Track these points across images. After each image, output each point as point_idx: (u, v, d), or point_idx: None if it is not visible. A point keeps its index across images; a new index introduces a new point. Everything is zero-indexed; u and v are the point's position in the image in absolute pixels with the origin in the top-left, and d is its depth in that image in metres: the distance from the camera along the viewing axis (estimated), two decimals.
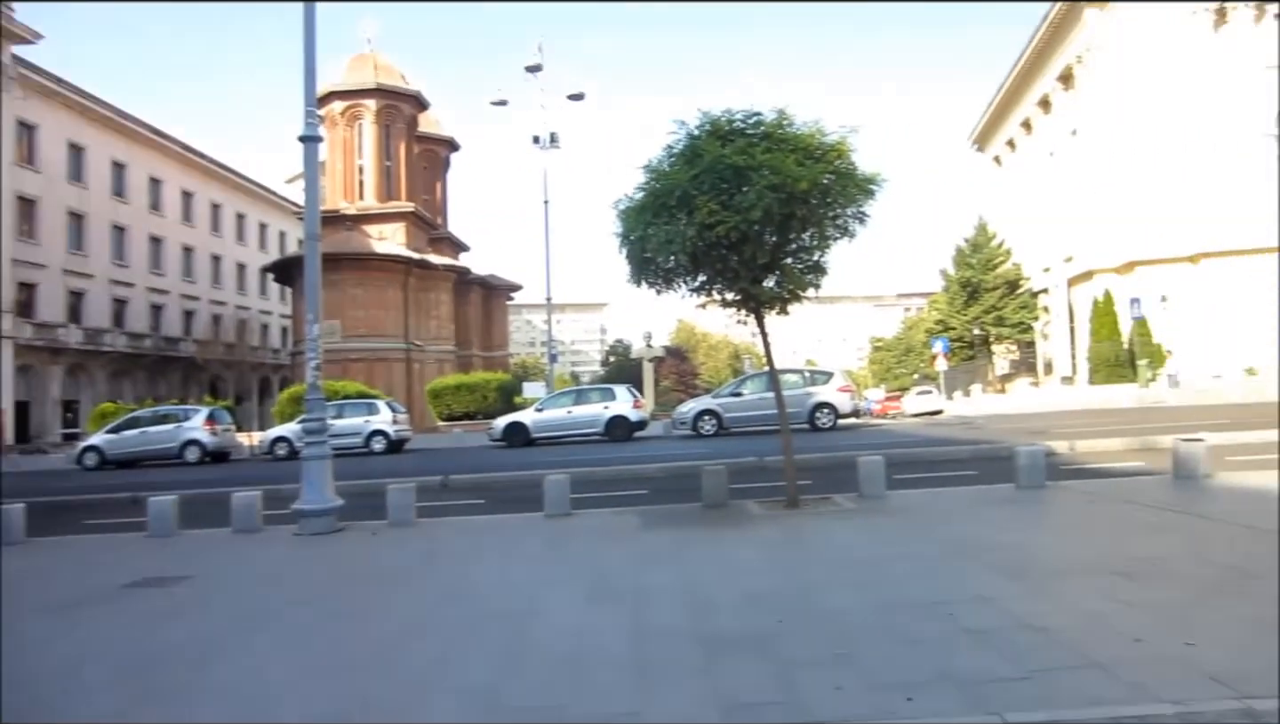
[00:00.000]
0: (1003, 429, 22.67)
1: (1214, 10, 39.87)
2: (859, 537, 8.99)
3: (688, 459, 17.36)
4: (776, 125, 9.54)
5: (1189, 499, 10.10)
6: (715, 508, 11.18)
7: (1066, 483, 11.80)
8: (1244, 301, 39.45)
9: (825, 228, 9.85)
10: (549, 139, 30.82)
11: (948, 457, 16.62)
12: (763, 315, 10.73)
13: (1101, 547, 7.81)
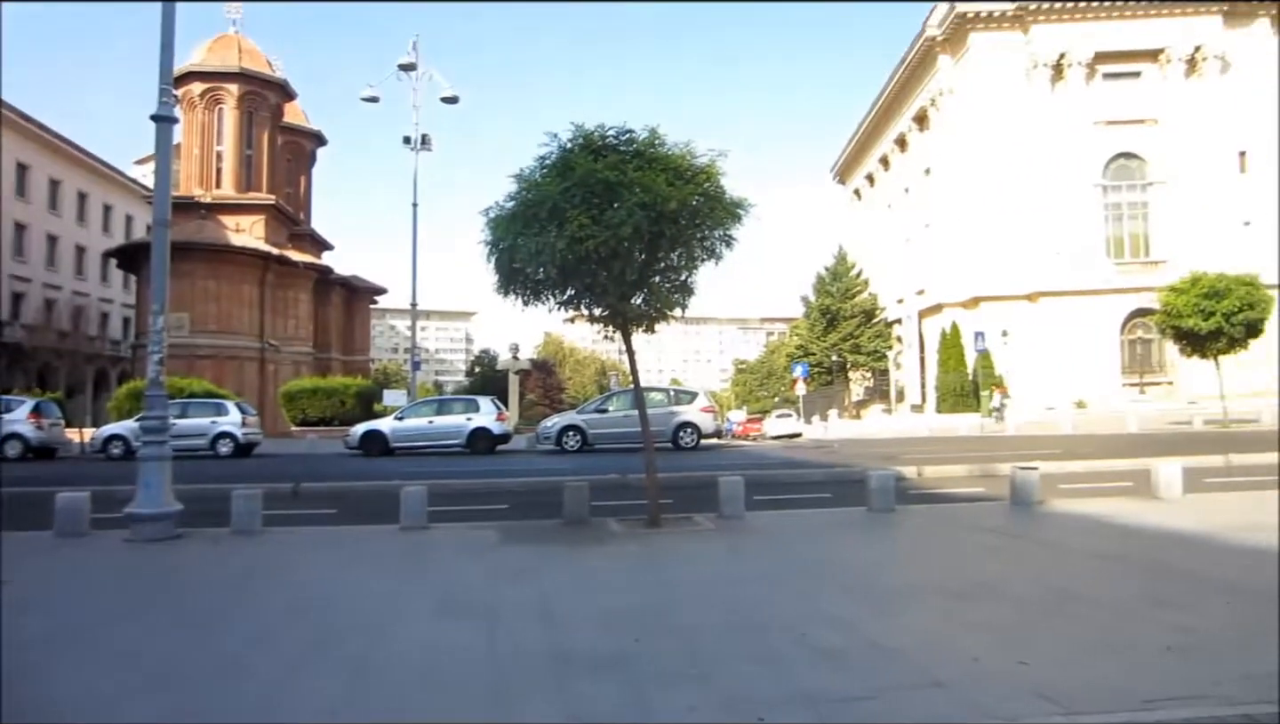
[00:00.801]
0: (857, 453, 23.50)
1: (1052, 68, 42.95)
2: (717, 556, 9.08)
3: (550, 474, 17.18)
4: (649, 144, 9.60)
5: (1024, 524, 10.71)
6: (576, 525, 11.07)
7: (914, 507, 12.30)
8: (1076, 339, 42.46)
9: (693, 249, 9.96)
10: (420, 141, 30.09)
11: (805, 479, 17.07)
12: (630, 332, 10.74)
13: (945, 569, 8.14)
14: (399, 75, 29.43)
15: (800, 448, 30.32)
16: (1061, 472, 16.84)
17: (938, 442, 28.88)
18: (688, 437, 24.30)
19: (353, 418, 32.33)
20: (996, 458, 18.77)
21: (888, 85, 57.07)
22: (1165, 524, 10.00)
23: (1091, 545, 9.13)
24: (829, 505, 12.87)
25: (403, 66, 29.21)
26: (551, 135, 9.69)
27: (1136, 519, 10.47)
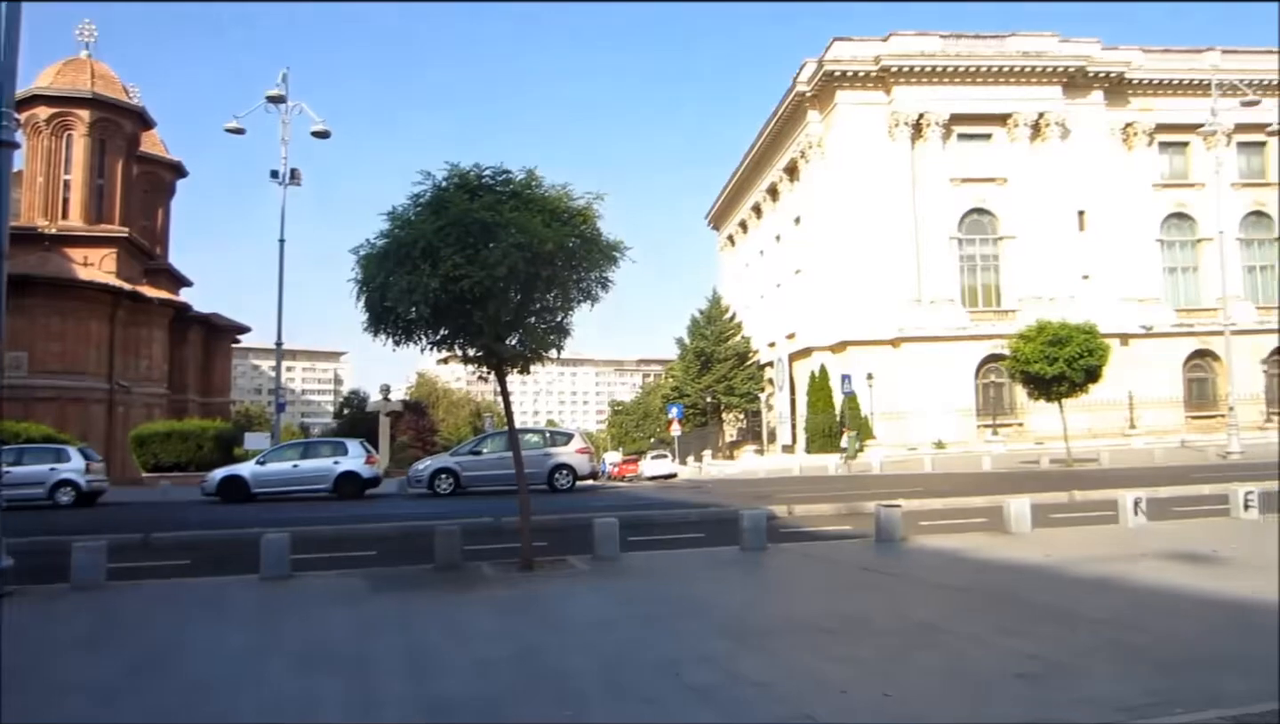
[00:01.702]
0: (730, 493, 23.87)
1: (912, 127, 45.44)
2: (591, 598, 9.03)
3: (422, 519, 16.71)
4: (525, 185, 9.63)
5: (887, 560, 11.09)
6: (448, 570, 10.81)
7: (785, 545, 12.57)
8: (935, 382, 44.57)
9: (569, 290, 10.00)
10: (288, 175, 29.15)
11: (679, 519, 17.20)
12: (504, 373, 10.66)
13: (813, 605, 8.33)
14: (267, 107, 28.51)
15: (675, 488, 30.60)
16: (923, 509, 17.55)
17: (808, 481, 29.66)
18: (563, 478, 24.14)
19: (211, 463, 30.69)
20: (863, 496, 19.41)
21: (760, 136, 59.12)
22: (1015, 558, 10.54)
23: (949, 579, 9.53)
24: (703, 545, 13.00)
25: (271, 99, 28.30)
26: (425, 174, 9.61)
27: (990, 553, 11.00)
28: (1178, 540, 11.32)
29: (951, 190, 47.00)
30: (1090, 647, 6.20)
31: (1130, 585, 8.53)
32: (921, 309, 45.60)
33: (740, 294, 68.86)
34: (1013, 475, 26.86)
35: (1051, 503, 17.74)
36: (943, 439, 42.68)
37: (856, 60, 46.87)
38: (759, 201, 62.84)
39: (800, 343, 51.65)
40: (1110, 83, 48.25)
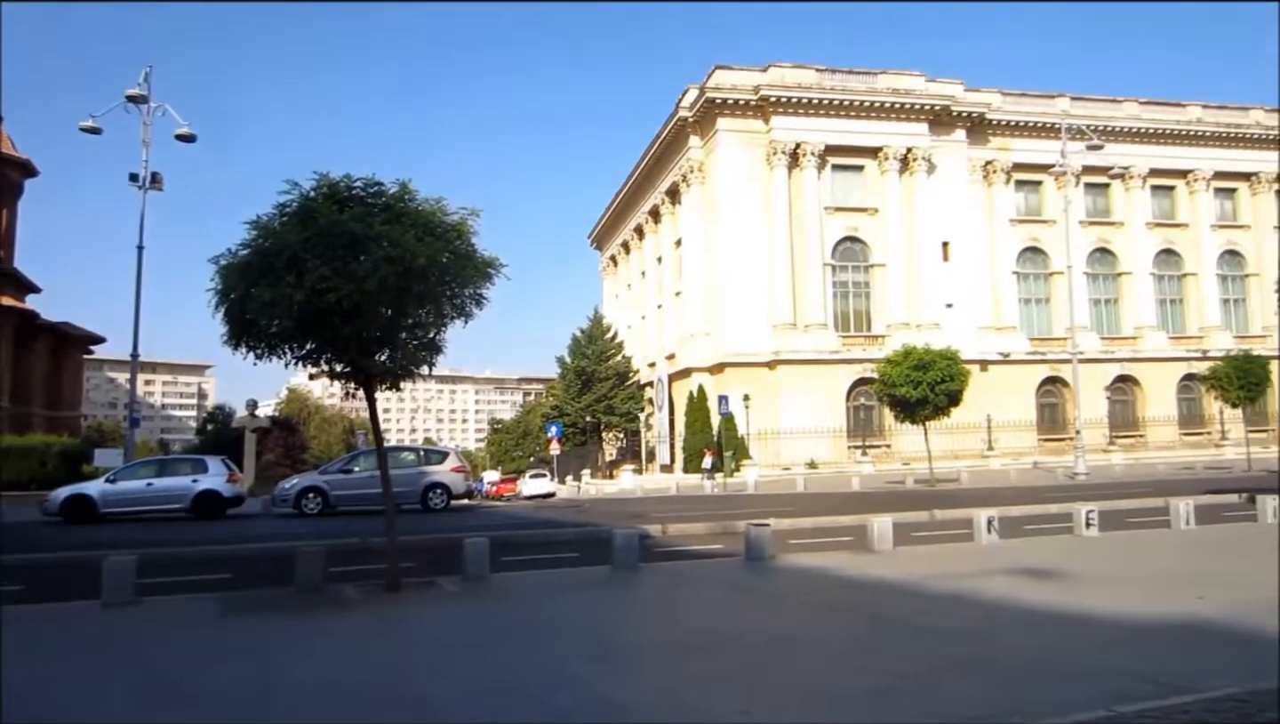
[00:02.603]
0: (607, 513, 23.85)
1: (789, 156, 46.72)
2: (458, 620, 8.83)
3: (285, 539, 16.04)
4: (398, 198, 9.40)
5: (755, 578, 11.28)
6: (309, 593, 10.38)
7: (658, 564, 12.64)
8: (809, 404, 45.86)
9: (443, 306, 9.80)
10: (149, 179, 27.61)
11: (554, 539, 17.08)
12: (373, 390, 10.35)
13: (680, 624, 8.39)
14: (126, 107, 26.96)
15: (553, 508, 30.39)
16: (793, 528, 17.98)
17: (684, 500, 29.96)
18: (437, 498, 23.63)
19: (56, 480, 28.65)
20: (736, 516, 19.74)
21: (643, 160, 59.81)
22: (877, 575, 10.89)
23: (813, 596, 9.76)
24: (576, 564, 12.92)
25: (131, 98, 26.78)
26: (292, 183, 9.26)
27: (853, 571, 11.33)
28: (1026, 557, 11.93)
29: (826, 218, 48.64)
30: (941, 660, 6.44)
31: (981, 600, 8.92)
32: (797, 333, 46.90)
33: (622, 314, 69.27)
34: (879, 495, 27.82)
35: (914, 522, 18.46)
36: (815, 459, 43.91)
37: (737, 89, 48.05)
38: (641, 223, 63.50)
39: (680, 364, 52.29)
40: (972, 122, 51.02)
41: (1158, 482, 28.33)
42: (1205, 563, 11.31)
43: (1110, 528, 15.08)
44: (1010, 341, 50.74)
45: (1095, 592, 9.21)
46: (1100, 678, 5.68)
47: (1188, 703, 4.82)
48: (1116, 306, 54.41)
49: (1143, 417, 52.27)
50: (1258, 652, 6.23)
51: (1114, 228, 54.12)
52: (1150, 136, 54.19)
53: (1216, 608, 7.87)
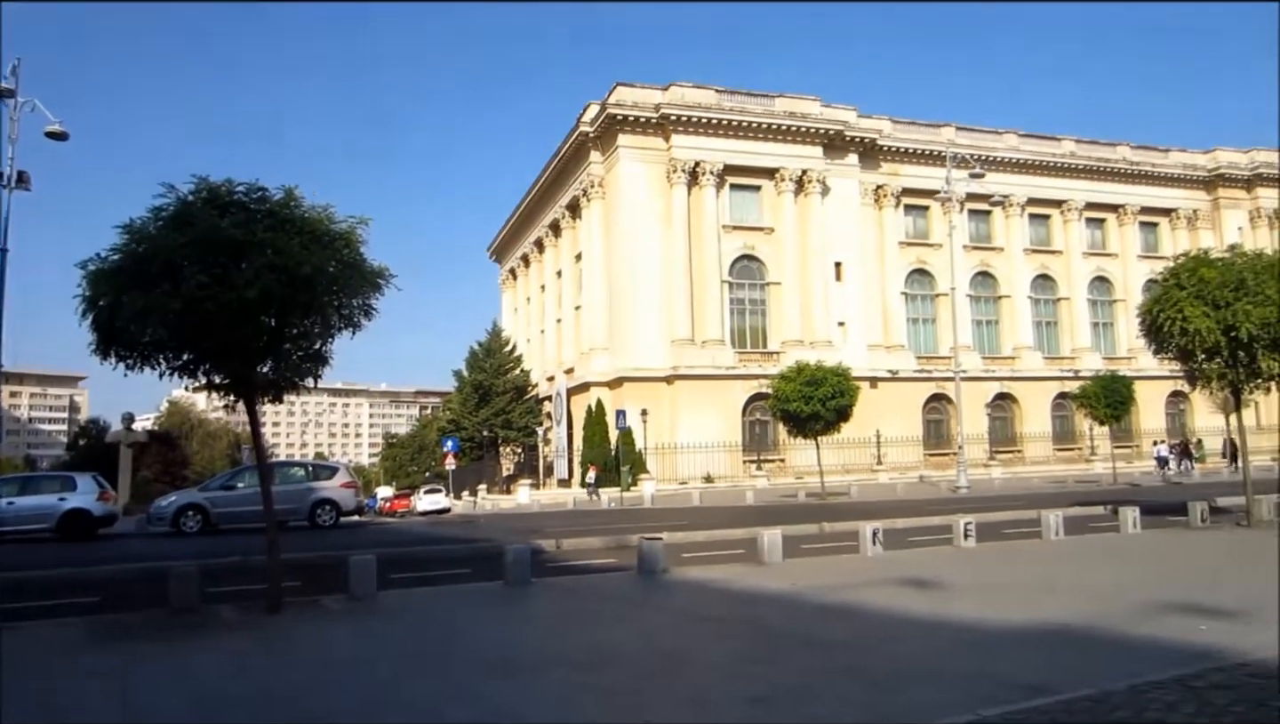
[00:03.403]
0: (503, 528, 23.60)
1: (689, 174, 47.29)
2: (341, 639, 8.58)
3: (160, 559, 15.28)
4: (283, 204, 9.11)
5: (647, 592, 11.33)
6: (183, 615, 9.92)
7: (551, 579, 12.55)
8: (706, 419, 46.39)
9: (330, 316, 9.54)
10: (15, 178, 25.92)
11: (447, 555, 16.78)
12: (255, 402, 9.98)
13: (573, 638, 8.34)
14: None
15: (447, 523, 29.90)
16: (687, 541, 18.12)
17: (581, 515, 29.87)
18: (326, 514, 22.93)
19: None
20: (631, 529, 19.76)
21: (544, 173, 59.69)
22: (766, 587, 11.08)
23: (704, 609, 9.86)
24: (467, 581, 12.71)
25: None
26: (169, 186, 8.87)
27: (743, 583, 11.50)
28: (908, 568, 12.32)
29: (725, 236, 49.46)
30: (822, 669, 6.59)
31: (863, 611, 9.17)
32: (694, 349, 47.45)
33: (521, 328, 68.85)
34: (772, 508, 28.34)
35: (804, 534, 18.85)
36: (711, 473, 44.41)
37: (638, 106, 48.51)
38: (541, 237, 63.33)
39: (578, 378, 52.24)
40: (864, 147, 52.78)
41: (1032, 495, 29.70)
42: (1072, 571, 11.90)
43: (987, 539, 15.72)
44: (899, 360, 52.53)
45: (969, 601, 9.58)
46: (969, 682, 5.91)
47: (1048, 704, 5.06)
48: (997, 327, 57.00)
49: (1020, 433, 54.79)
50: (1113, 654, 6.59)
51: (995, 253, 56.75)
52: (1028, 167, 57.10)
53: (1079, 614, 8.28)
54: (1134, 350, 53.06)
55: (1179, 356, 16.69)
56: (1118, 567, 12.27)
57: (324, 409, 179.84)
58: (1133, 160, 60.05)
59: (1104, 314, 60.13)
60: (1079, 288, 58.57)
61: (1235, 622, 7.51)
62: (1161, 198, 60.93)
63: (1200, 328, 15.33)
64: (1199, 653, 6.32)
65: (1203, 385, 17.27)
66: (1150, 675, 5.58)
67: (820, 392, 30.73)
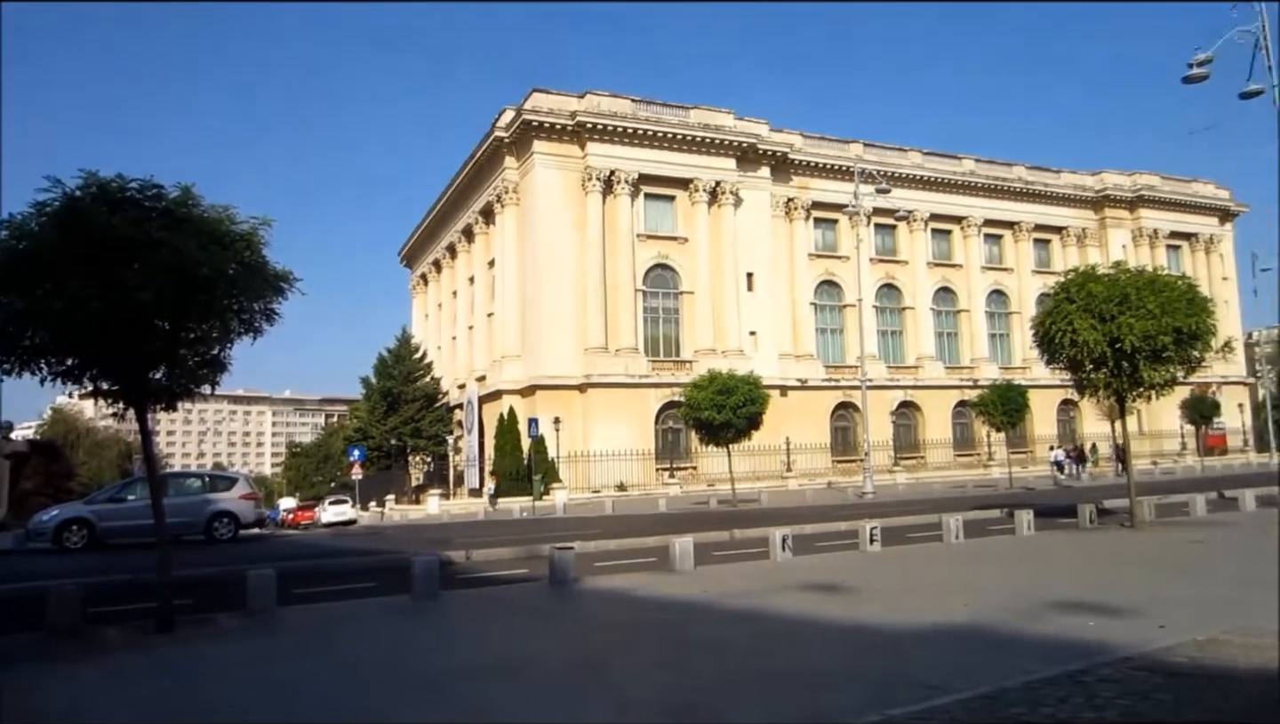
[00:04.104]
0: (411, 539, 23.13)
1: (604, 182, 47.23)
2: (236, 660, 8.24)
3: (41, 578, 14.46)
4: (180, 202, 8.73)
5: (559, 602, 11.24)
6: (65, 637, 9.39)
7: (460, 591, 12.34)
8: (619, 427, 46.41)
9: (229, 320, 9.18)
10: None
11: (352, 568, 16.37)
12: (146, 410, 9.54)
13: (482, 650, 8.20)
14: None
15: (353, 535, 29.15)
16: (599, 550, 18.08)
17: (492, 525, 29.52)
18: (224, 528, 22.08)
19: None
20: (543, 539, 19.62)
21: (457, 178, 58.94)
22: (677, 594, 11.11)
23: (616, 617, 9.83)
24: (374, 594, 12.39)
25: None
26: (54, 181, 8.39)
27: (655, 591, 11.52)
28: (815, 573, 12.54)
29: (639, 245, 49.67)
30: (735, 674, 6.64)
31: (772, 615, 9.28)
32: (608, 357, 47.46)
33: (432, 334, 67.79)
34: (684, 516, 28.50)
35: (715, 541, 19.00)
36: (624, 482, 44.45)
37: (554, 113, 48.37)
38: (454, 242, 62.54)
39: (490, 385, 51.69)
40: (776, 161, 53.75)
41: (934, 499, 30.63)
42: (970, 573, 12.29)
43: (892, 543, 16.11)
44: (808, 369, 53.58)
45: (874, 603, 9.79)
46: (874, 683, 6.02)
47: (948, 703, 5.19)
48: (901, 338, 58.71)
49: (923, 439, 56.49)
50: (1009, 653, 6.81)
51: (900, 266, 58.47)
52: (931, 184, 59.06)
53: (978, 614, 8.55)
54: (1028, 360, 55.32)
55: (1069, 366, 17.43)
56: (1013, 568, 12.73)
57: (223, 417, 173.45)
58: (1028, 180, 62.78)
59: (1001, 326, 62.55)
60: (978, 300, 60.81)
61: (1119, 618, 7.86)
62: (1054, 216, 63.83)
63: (1088, 339, 16.06)
64: (1087, 649, 6.58)
65: (1090, 393, 18.09)
66: (1043, 672, 5.79)
67: (732, 400, 31.10)
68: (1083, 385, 17.78)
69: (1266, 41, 20.70)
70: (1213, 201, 69.26)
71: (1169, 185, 67.15)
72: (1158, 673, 5.77)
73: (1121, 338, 15.79)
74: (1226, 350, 26.92)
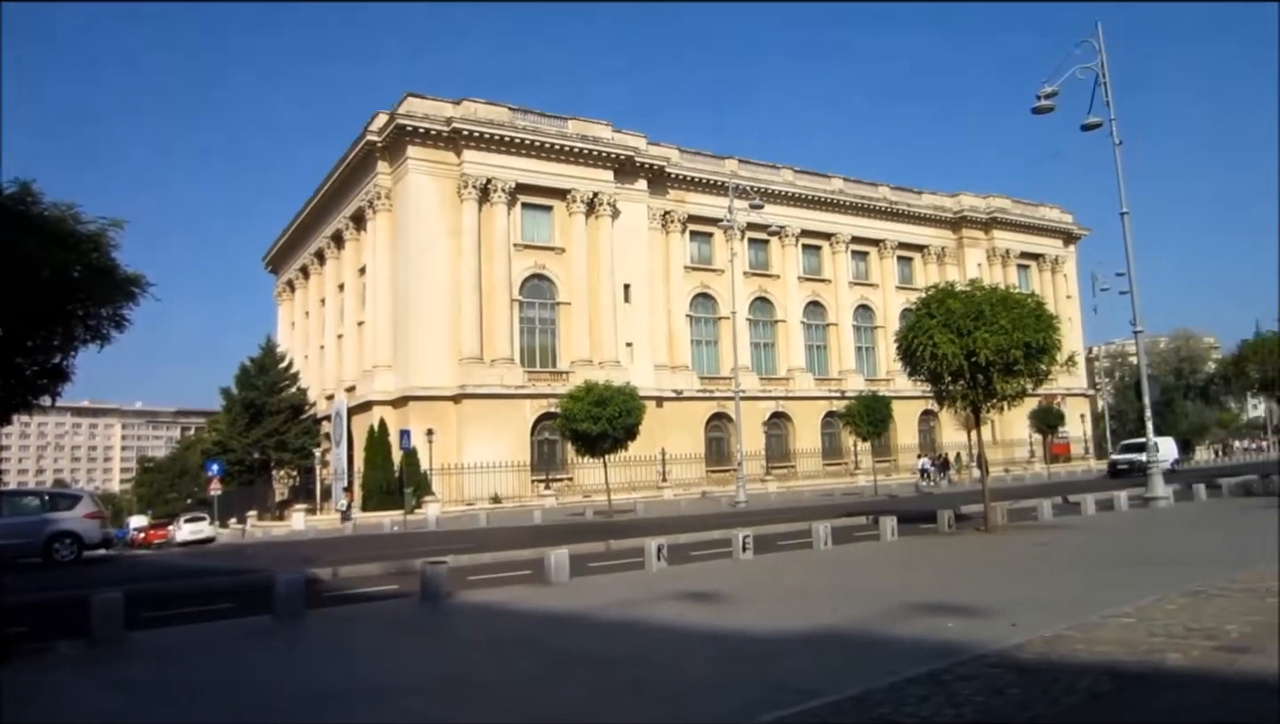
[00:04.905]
0: (274, 557, 22.19)
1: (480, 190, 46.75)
2: (77, 689, 7.66)
3: None
4: (18, 199, 8.10)
5: (431, 618, 10.95)
6: None
7: (327, 609, 11.88)
8: (495, 438, 45.82)
9: (73, 327, 8.58)
10: None
11: (209, 588, 15.54)
12: None
13: (352, 671, 7.91)
14: None
15: (211, 554, 27.75)
16: (473, 563, 17.76)
17: (362, 541, 28.62)
18: (65, 549, 20.59)
19: None
20: (415, 554, 19.13)
21: (327, 182, 57.11)
22: (553, 607, 11.02)
23: (489, 632, 9.66)
24: (233, 616, 11.78)
25: None
26: None
27: (530, 604, 11.38)
28: (690, 582, 12.65)
29: (516, 255, 49.32)
30: (612, 686, 6.62)
31: (648, 626, 9.30)
32: (483, 367, 46.86)
33: (299, 343, 65.46)
34: (560, 527, 28.36)
35: (591, 552, 18.97)
36: (499, 494, 43.97)
37: (429, 118, 47.55)
38: (323, 248, 60.56)
39: (361, 396, 50.24)
40: (653, 174, 54.43)
41: (804, 507, 31.53)
42: (839, 578, 12.68)
43: (764, 551, 16.46)
44: (683, 380, 54.33)
45: (748, 610, 9.97)
46: (747, 689, 6.12)
47: (818, 706, 5.32)
48: (774, 350, 60.34)
49: (794, 449, 58.15)
50: (876, 655, 7.04)
51: (772, 280, 60.11)
52: (803, 201, 61.04)
53: (846, 618, 8.81)
54: (892, 373, 57.75)
55: (929, 378, 18.24)
56: (879, 572, 13.20)
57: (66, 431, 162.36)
58: (892, 200, 65.72)
59: (867, 339, 65.12)
60: (846, 314, 63.15)
61: (976, 618, 8.25)
62: (916, 235, 67.01)
63: (947, 353, 16.86)
64: (946, 648, 6.87)
65: (949, 405, 18.98)
66: (907, 672, 6.00)
67: (608, 411, 31.21)
68: (942, 396, 18.62)
69: (1105, 78, 22.36)
70: (1058, 225, 74.19)
71: (1019, 208, 71.56)
72: (1010, 669, 6.07)
73: (977, 352, 16.63)
74: (1070, 364, 28.77)
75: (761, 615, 9.51)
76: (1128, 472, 40.53)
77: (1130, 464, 41.38)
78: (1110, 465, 45.76)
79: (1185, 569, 10.81)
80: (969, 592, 10.31)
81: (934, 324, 17.33)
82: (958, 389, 17.77)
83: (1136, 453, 43.09)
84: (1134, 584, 9.62)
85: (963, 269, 64.53)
